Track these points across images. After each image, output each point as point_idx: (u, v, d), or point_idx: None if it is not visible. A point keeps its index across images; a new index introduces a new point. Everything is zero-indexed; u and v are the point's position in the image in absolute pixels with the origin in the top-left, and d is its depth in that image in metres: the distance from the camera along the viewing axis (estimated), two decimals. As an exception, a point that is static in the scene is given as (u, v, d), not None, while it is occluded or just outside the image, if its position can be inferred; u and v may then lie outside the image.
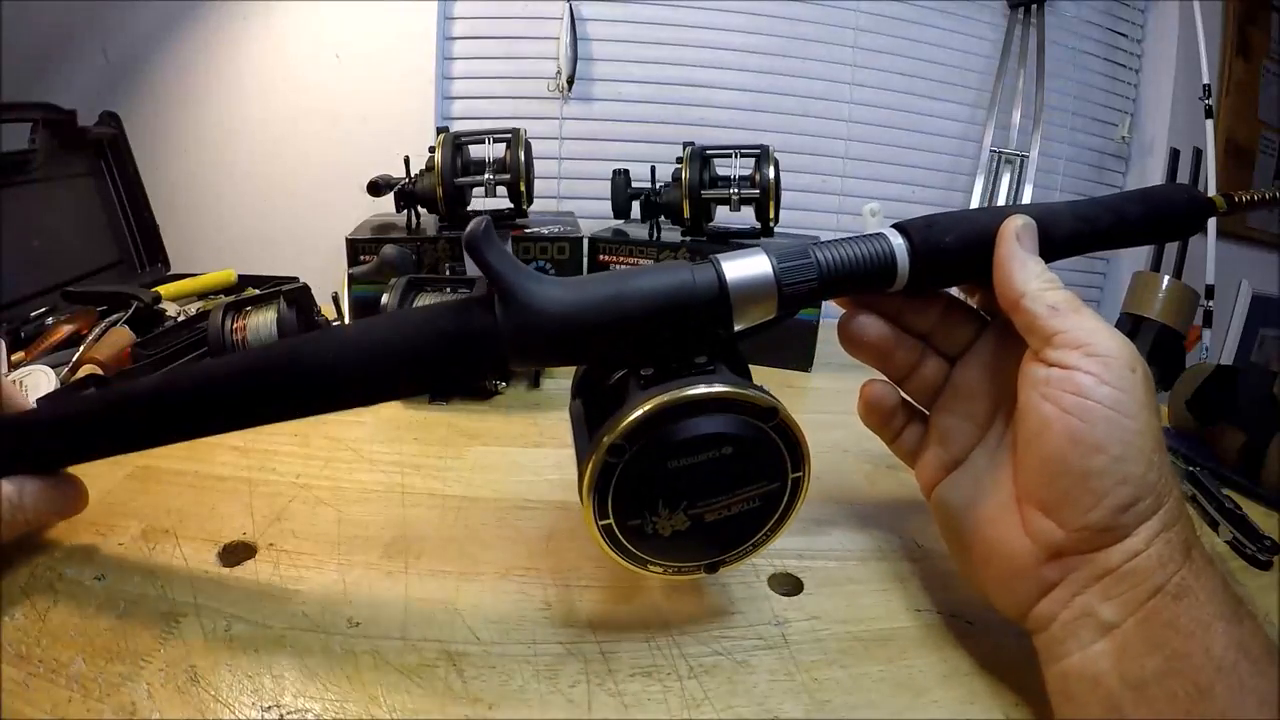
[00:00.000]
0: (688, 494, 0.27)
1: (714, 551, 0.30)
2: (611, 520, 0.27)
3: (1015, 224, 0.30)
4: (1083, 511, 0.25)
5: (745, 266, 0.29)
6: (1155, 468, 0.25)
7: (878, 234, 0.31)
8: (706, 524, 0.28)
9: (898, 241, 0.31)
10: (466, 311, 0.29)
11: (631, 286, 0.28)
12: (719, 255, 0.29)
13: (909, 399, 0.35)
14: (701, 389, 0.26)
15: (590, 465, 0.27)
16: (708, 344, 0.29)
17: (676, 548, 0.29)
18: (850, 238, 0.31)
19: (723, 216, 0.77)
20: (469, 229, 0.27)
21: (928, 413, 0.35)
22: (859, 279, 0.31)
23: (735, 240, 0.73)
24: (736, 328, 0.29)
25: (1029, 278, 0.29)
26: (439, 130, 0.73)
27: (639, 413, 0.26)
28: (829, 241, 0.31)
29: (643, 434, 0.26)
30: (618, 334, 0.28)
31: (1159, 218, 0.34)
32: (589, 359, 0.31)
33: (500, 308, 0.28)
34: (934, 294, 0.34)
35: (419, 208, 0.75)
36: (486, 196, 0.72)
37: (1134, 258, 1.26)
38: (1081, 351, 0.26)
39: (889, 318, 0.34)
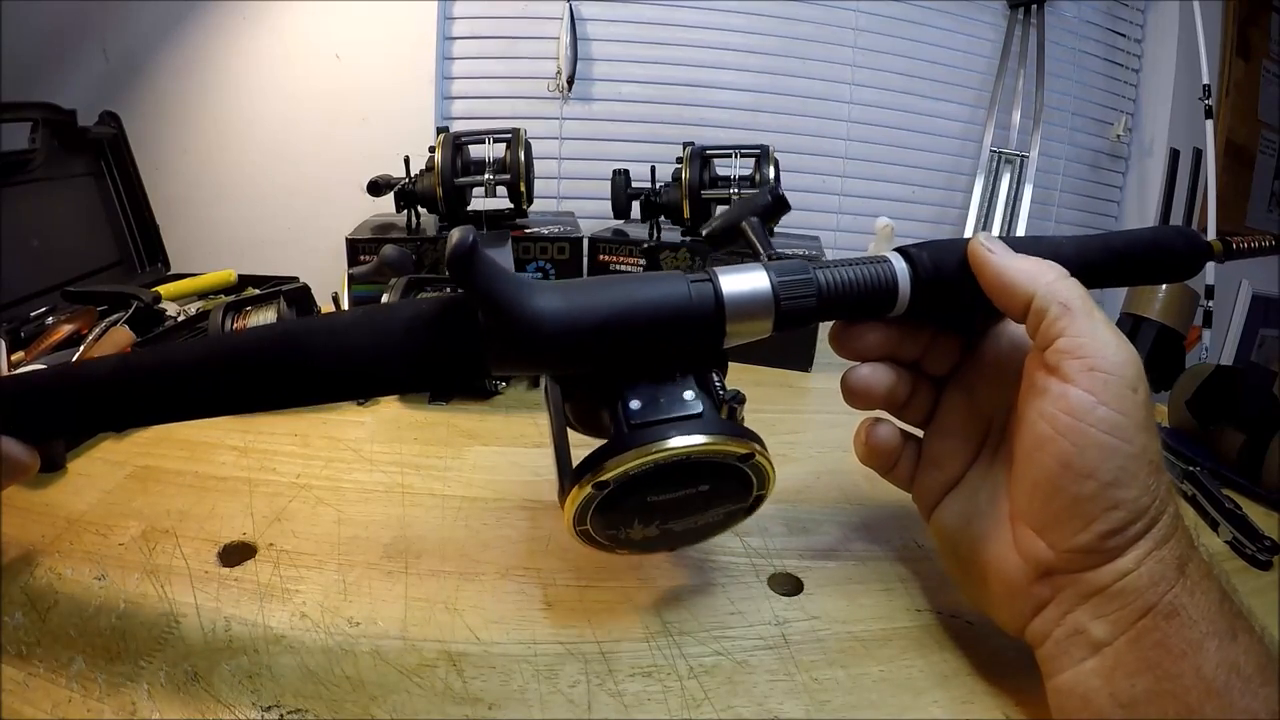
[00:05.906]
0: (661, 515, 0.29)
1: (678, 545, 0.32)
2: (589, 528, 0.29)
3: (979, 239, 0.29)
4: (1071, 535, 0.25)
5: (743, 282, 0.28)
6: (1149, 491, 0.24)
7: (881, 257, 0.30)
8: (675, 532, 0.30)
9: (901, 266, 0.30)
10: (447, 319, 0.27)
11: (624, 300, 0.27)
12: (717, 269, 0.29)
13: (905, 427, 0.34)
14: (684, 442, 0.26)
15: (573, 496, 0.27)
16: (696, 352, 0.29)
17: (644, 545, 0.31)
18: (853, 260, 0.30)
19: (723, 216, 0.77)
20: (452, 245, 0.24)
21: (920, 434, 0.34)
22: (859, 302, 0.30)
23: (733, 250, 0.73)
24: (728, 344, 0.29)
25: (1035, 275, 0.27)
26: (439, 130, 0.73)
27: (625, 467, 0.26)
28: (831, 262, 0.30)
29: (627, 475, 0.27)
30: (605, 348, 0.28)
31: (1158, 261, 0.34)
32: (573, 369, 0.30)
33: (484, 319, 0.26)
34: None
35: (419, 208, 0.75)
36: (486, 196, 0.72)
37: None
38: (1083, 364, 0.25)
39: (885, 350, 0.33)
